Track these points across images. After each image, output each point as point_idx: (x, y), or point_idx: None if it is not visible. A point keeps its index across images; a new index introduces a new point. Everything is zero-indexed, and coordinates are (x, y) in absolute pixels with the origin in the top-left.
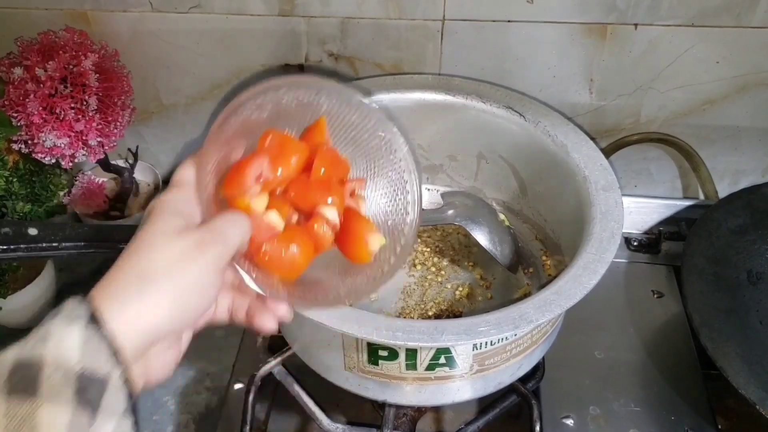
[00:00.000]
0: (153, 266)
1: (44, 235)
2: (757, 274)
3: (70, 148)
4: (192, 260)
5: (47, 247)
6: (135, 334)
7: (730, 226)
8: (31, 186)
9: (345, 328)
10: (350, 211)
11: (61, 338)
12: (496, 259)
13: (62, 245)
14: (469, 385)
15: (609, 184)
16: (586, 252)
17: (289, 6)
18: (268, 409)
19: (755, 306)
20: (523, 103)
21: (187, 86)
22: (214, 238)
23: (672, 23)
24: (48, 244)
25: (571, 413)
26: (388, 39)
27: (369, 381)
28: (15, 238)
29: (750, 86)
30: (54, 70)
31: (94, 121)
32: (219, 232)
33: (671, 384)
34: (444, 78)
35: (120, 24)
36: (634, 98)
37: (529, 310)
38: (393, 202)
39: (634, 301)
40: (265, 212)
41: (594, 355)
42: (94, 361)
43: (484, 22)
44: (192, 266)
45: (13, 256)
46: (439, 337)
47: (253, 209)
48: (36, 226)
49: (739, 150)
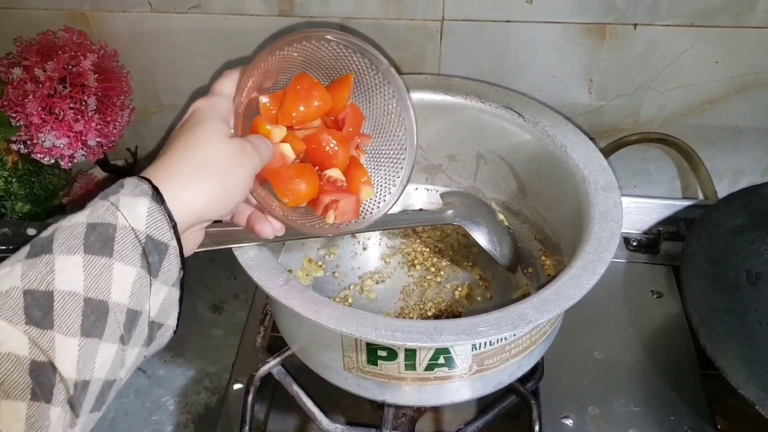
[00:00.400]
0: (209, 161)
1: None
2: (756, 274)
3: (69, 149)
4: (239, 162)
5: None
6: (188, 214)
7: (729, 226)
8: (30, 186)
9: (344, 329)
10: (353, 161)
11: (131, 208)
12: (496, 259)
13: None
14: (468, 386)
15: (608, 184)
16: (585, 252)
17: (289, 6)
18: (267, 409)
19: (754, 306)
20: (522, 103)
21: (186, 86)
22: (254, 150)
23: (671, 23)
24: None
25: (571, 413)
26: (387, 39)
27: (368, 381)
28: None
29: (749, 86)
30: (53, 71)
31: (93, 122)
32: (257, 146)
33: (670, 384)
34: (443, 78)
35: (119, 24)
36: (634, 98)
37: (529, 310)
38: (386, 167)
39: (634, 301)
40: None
41: (593, 355)
42: (157, 231)
43: (484, 22)
44: (238, 167)
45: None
46: (438, 338)
47: (271, 136)
48: (35, 226)
49: (738, 150)
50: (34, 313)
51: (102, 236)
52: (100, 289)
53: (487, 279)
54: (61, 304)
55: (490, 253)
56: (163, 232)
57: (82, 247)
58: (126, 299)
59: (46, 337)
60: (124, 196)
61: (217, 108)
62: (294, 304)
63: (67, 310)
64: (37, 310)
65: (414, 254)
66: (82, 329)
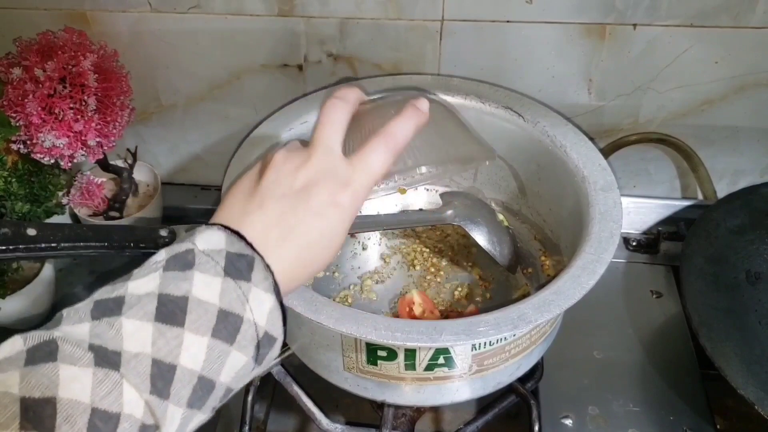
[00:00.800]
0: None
1: (43, 235)
2: (755, 274)
3: (69, 149)
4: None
5: (46, 248)
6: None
7: (728, 226)
8: (30, 186)
9: (344, 328)
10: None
11: (258, 303)
12: (495, 259)
13: (61, 245)
14: (467, 386)
15: (608, 184)
16: (585, 252)
17: (288, 6)
18: (267, 409)
19: (754, 306)
20: (522, 103)
21: (186, 86)
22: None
23: (671, 23)
24: (47, 245)
25: (570, 413)
26: (387, 39)
27: (368, 381)
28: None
29: (749, 86)
30: (53, 71)
31: (93, 122)
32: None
33: (670, 384)
34: (443, 78)
35: (119, 24)
36: (633, 98)
37: (528, 310)
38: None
39: (633, 301)
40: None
41: (593, 355)
42: (273, 327)
43: (483, 22)
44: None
45: (12, 256)
46: (438, 338)
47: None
48: (35, 226)
49: (737, 150)
50: (158, 384)
51: (230, 326)
52: (214, 370)
53: (486, 279)
54: (180, 378)
55: (489, 253)
56: (277, 328)
57: (210, 331)
58: (229, 380)
59: (162, 406)
60: (255, 288)
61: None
62: (294, 303)
63: (183, 384)
64: (161, 380)
65: (414, 254)
66: (188, 401)
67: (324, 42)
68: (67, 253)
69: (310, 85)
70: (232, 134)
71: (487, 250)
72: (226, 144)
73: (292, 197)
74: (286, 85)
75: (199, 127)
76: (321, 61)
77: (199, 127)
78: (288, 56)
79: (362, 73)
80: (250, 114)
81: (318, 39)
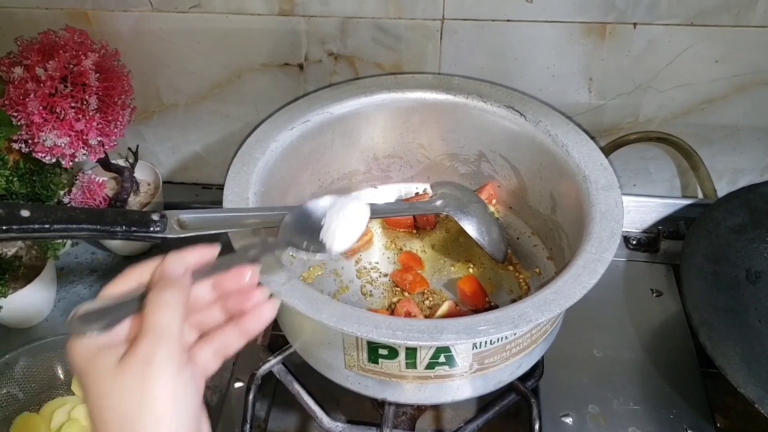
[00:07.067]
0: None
1: (36, 216)
2: (755, 273)
3: (70, 148)
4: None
5: (39, 229)
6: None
7: (729, 225)
8: (32, 185)
9: (345, 327)
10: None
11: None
12: (484, 249)
13: (54, 227)
14: (468, 384)
15: (609, 183)
16: (586, 251)
17: (289, 5)
18: (269, 407)
19: (754, 305)
20: (523, 102)
21: (187, 86)
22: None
23: (671, 22)
24: (40, 225)
25: (571, 412)
26: (387, 38)
27: (369, 379)
28: (8, 219)
29: (749, 86)
30: (54, 70)
31: (94, 121)
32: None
33: (670, 382)
34: (444, 77)
35: (120, 23)
36: (633, 97)
37: (529, 309)
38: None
39: (633, 300)
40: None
41: (593, 354)
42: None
43: (484, 21)
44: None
45: (5, 236)
46: (439, 336)
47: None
48: (28, 207)
49: (737, 149)
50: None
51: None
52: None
53: (486, 279)
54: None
55: (478, 243)
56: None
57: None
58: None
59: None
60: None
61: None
62: (296, 302)
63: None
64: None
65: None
66: None
67: (325, 41)
68: (60, 234)
69: (310, 84)
70: (233, 133)
71: (476, 240)
72: (227, 143)
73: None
74: (287, 84)
75: (200, 126)
76: (322, 60)
77: (200, 126)
78: (289, 55)
79: (363, 73)
80: (251, 113)
81: (319, 38)
